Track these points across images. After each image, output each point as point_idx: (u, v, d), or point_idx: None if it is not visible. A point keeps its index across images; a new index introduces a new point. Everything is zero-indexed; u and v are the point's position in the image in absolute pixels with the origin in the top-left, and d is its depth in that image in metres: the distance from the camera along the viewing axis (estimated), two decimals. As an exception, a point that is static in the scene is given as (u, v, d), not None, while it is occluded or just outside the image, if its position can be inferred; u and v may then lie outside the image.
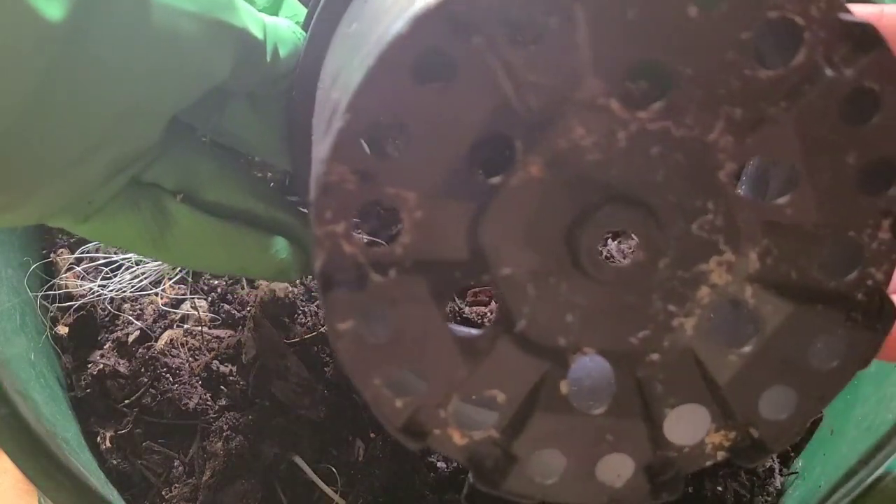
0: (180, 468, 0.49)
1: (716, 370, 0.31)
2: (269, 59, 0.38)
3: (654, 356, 0.31)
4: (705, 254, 0.29)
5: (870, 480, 0.41)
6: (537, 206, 0.28)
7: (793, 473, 0.51)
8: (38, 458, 0.40)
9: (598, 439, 0.32)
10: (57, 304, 0.51)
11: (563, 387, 0.31)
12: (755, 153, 0.27)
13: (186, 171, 0.40)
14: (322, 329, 0.51)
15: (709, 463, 0.33)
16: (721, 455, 0.32)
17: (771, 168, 0.34)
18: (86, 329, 0.52)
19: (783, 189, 0.28)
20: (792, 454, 0.53)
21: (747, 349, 0.30)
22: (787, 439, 0.32)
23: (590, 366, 0.32)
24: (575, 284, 0.30)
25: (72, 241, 0.55)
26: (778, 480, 0.51)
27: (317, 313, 0.53)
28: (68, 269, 0.53)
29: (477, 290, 0.55)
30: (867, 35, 0.26)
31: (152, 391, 0.49)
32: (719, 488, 0.50)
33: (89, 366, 0.50)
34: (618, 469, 0.32)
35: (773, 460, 0.51)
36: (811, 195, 0.28)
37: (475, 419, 0.32)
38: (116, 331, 0.52)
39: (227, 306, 0.53)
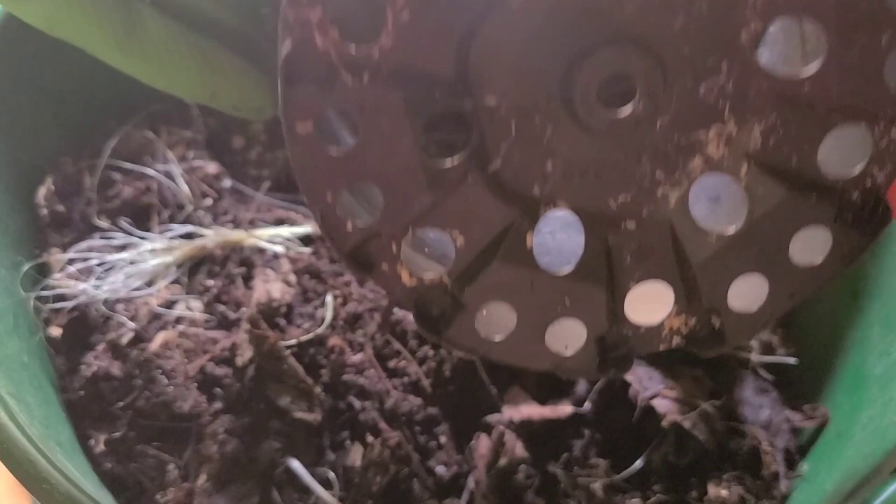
0: (175, 472, 0.48)
1: (692, 249, 0.29)
2: None
3: (630, 224, 0.29)
4: (707, 120, 0.27)
5: (876, 483, 0.41)
6: (537, 34, 0.26)
7: (798, 477, 0.51)
8: (30, 462, 0.39)
9: (555, 301, 0.30)
10: (50, 305, 0.51)
11: (530, 240, 0.29)
12: (786, 12, 0.25)
13: None
14: (319, 331, 0.51)
15: (662, 347, 0.31)
16: (676, 341, 0.31)
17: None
18: (79, 330, 0.52)
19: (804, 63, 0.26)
20: (797, 457, 0.52)
21: (730, 231, 0.29)
22: (746, 333, 0.30)
23: (562, 222, 0.30)
24: (562, 129, 0.27)
25: (65, 241, 0.55)
26: (783, 484, 0.50)
27: (313, 315, 0.53)
28: (61, 270, 0.52)
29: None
30: None
31: (146, 394, 0.49)
32: (723, 492, 0.49)
33: (82, 367, 0.50)
34: (568, 338, 0.30)
35: (779, 463, 0.51)
36: (834, 71, 0.26)
37: (424, 266, 0.29)
38: (110, 332, 0.51)
39: (221, 307, 0.53)
